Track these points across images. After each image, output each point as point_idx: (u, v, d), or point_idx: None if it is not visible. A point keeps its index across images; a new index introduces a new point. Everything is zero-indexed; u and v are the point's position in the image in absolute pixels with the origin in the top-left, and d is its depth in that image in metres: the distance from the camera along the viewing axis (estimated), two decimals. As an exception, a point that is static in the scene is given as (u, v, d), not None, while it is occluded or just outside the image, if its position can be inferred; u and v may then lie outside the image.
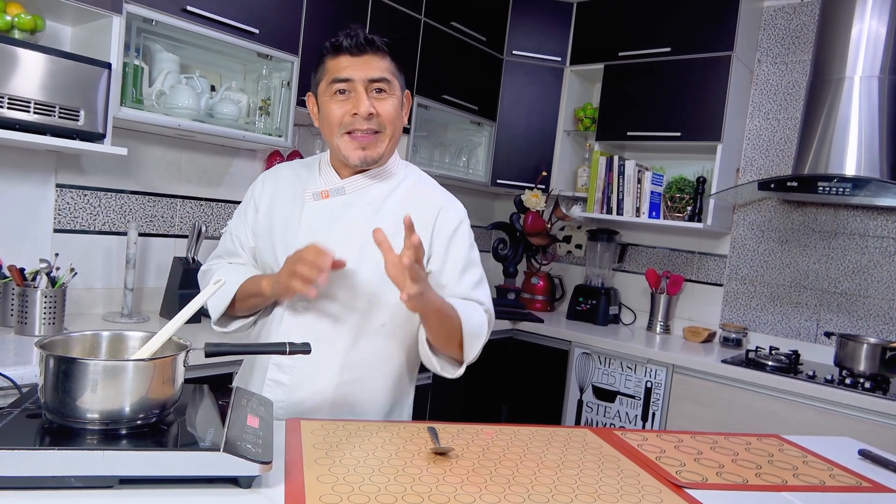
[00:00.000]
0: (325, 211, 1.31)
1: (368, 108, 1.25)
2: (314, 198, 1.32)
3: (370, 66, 1.25)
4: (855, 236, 2.77)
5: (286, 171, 1.42)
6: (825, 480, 1.18)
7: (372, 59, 1.26)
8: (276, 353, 1.09)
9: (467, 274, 1.34)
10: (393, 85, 1.29)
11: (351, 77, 1.25)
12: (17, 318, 1.78)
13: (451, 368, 1.31)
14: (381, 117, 1.27)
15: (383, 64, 1.27)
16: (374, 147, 1.28)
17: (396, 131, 1.32)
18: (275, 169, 1.45)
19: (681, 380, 2.61)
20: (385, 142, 1.30)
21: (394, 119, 1.29)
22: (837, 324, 2.79)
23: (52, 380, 0.87)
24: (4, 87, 1.60)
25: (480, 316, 1.30)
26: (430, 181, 1.43)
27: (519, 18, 3.30)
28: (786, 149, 2.95)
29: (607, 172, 3.13)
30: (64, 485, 0.82)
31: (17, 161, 1.97)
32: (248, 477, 0.88)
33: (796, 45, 2.95)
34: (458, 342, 1.26)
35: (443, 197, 1.38)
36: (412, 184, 1.38)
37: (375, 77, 1.26)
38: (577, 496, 0.97)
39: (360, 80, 1.25)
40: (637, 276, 3.34)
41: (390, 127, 1.29)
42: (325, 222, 1.30)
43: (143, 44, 2.03)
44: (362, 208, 1.31)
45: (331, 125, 1.28)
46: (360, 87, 1.25)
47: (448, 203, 1.37)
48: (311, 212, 1.32)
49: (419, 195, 1.36)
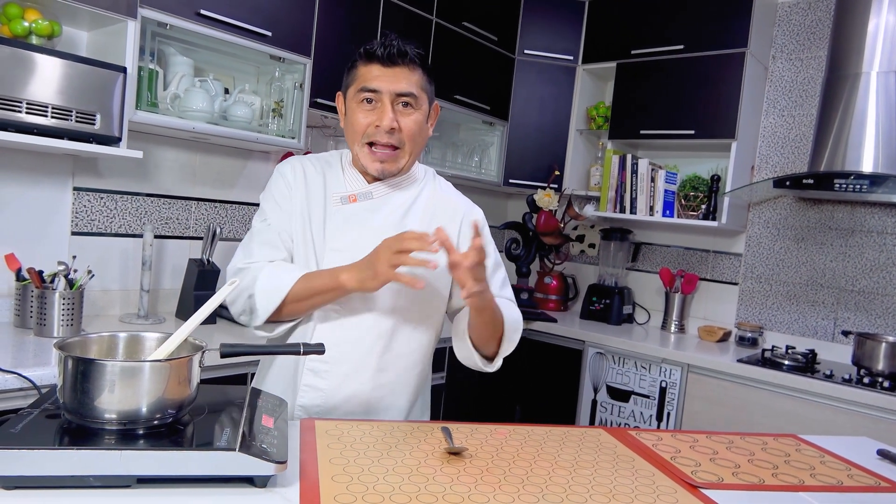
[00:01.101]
0: (354, 215, 1.32)
1: (391, 123, 1.26)
2: (342, 201, 1.32)
3: (399, 79, 1.26)
4: (873, 234, 2.73)
5: (310, 166, 1.36)
6: (843, 480, 1.17)
7: (402, 72, 1.27)
8: (290, 354, 1.10)
9: (496, 275, 1.39)
10: (420, 99, 1.30)
11: (379, 88, 1.26)
12: (36, 319, 1.81)
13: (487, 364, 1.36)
14: (403, 133, 1.28)
15: (413, 77, 1.28)
16: (393, 162, 1.30)
17: (417, 147, 1.34)
18: (297, 161, 1.37)
19: (696, 379, 2.59)
20: (405, 158, 1.32)
21: (415, 135, 1.31)
22: (855, 322, 2.76)
23: (71, 380, 0.88)
24: (23, 93, 1.62)
25: (517, 311, 1.38)
26: (447, 185, 1.47)
27: (530, 18, 3.30)
28: (801, 146, 2.92)
29: (620, 171, 3.11)
30: (83, 484, 0.83)
31: (35, 165, 2.00)
32: (263, 476, 0.89)
33: (811, 41, 2.92)
34: (498, 338, 1.32)
35: (464, 202, 1.44)
36: (433, 188, 1.41)
37: (403, 91, 1.27)
38: (592, 496, 0.97)
39: (388, 92, 1.26)
40: (651, 275, 3.32)
41: (410, 144, 1.31)
42: (354, 226, 1.31)
43: (157, 47, 2.05)
44: (390, 214, 1.33)
45: (354, 132, 1.30)
46: (386, 99, 1.26)
47: (470, 208, 1.43)
48: (339, 215, 1.32)
49: (442, 200, 1.40)
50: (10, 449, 0.80)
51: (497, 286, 1.38)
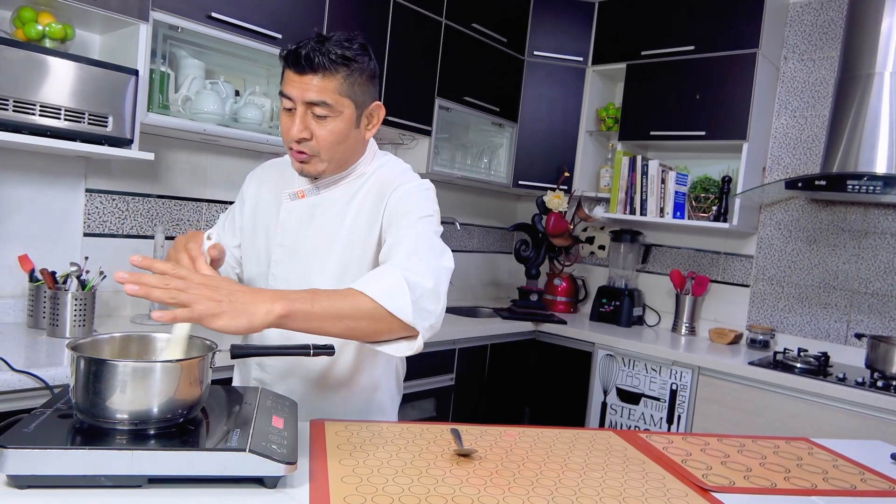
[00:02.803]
0: (300, 210, 1.33)
1: (298, 134, 1.20)
2: (290, 198, 1.34)
3: (309, 87, 1.19)
4: (886, 235, 2.71)
5: (271, 170, 1.43)
6: (856, 485, 1.16)
7: (313, 79, 1.18)
8: (301, 354, 1.10)
9: (400, 246, 1.19)
10: (336, 107, 1.20)
11: (291, 96, 1.21)
12: (49, 320, 1.82)
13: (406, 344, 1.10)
14: (315, 141, 1.22)
15: (328, 84, 1.19)
16: (312, 166, 1.26)
17: (339, 153, 1.26)
18: (260, 168, 1.46)
19: (707, 382, 2.58)
20: (323, 164, 1.25)
21: (332, 144, 1.23)
22: (868, 325, 2.73)
23: (83, 381, 0.89)
24: (36, 95, 1.64)
25: (391, 273, 1.09)
26: (395, 165, 1.35)
27: (540, 19, 3.29)
28: (813, 147, 2.89)
29: (630, 172, 3.10)
30: (94, 484, 0.83)
31: (48, 167, 2.01)
32: (273, 477, 0.89)
33: (824, 42, 2.89)
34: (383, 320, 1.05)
35: (400, 178, 1.30)
36: (377, 175, 1.32)
37: (313, 100, 1.19)
38: (602, 499, 0.97)
39: (299, 99, 1.20)
40: (661, 276, 3.31)
41: (326, 152, 1.23)
42: (299, 221, 1.33)
43: (169, 50, 2.06)
44: (332, 206, 1.32)
45: (282, 136, 1.27)
46: (299, 106, 1.20)
47: (401, 183, 1.28)
48: (287, 211, 1.34)
49: (379, 184, 1.31)
50: (22, 448, 0.81)
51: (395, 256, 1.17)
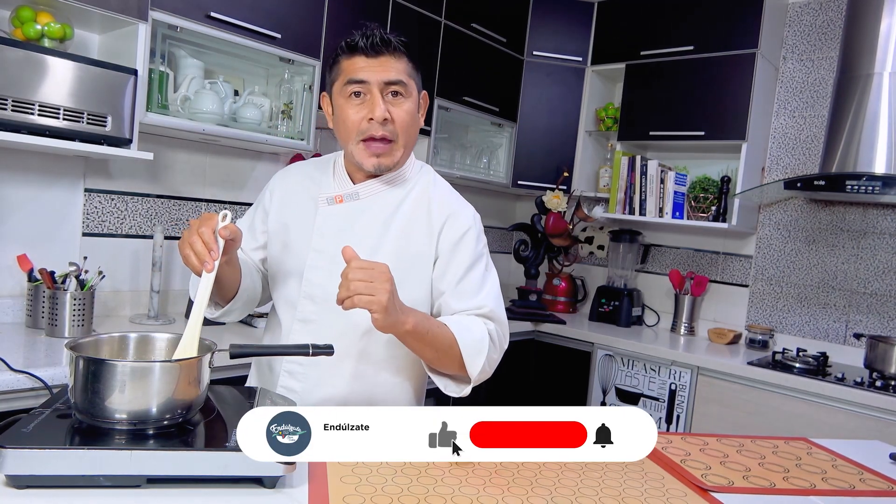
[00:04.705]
0: (339, 216, 1.30)
1: (384, 113, 1.21)
2: (328, 202, 1.30)
3: (387, 67, 1.22)
4: (885, 236, 2.71)
5: (296, 173, 1.39)
6: (855, 485, 1.16)
7: (388, 61, 1.22)
8: (300, 355, 1.10)
9: (465, 281, 1.27)
10: (409, 87, 1.25)
11: (366, 79, 1.21)
12: (48, 320, 1.82)
13: (456, 386, 1.25)
14: (396, 123, 1.23)
15: (400, 65, 1.23)
16: (389, 156, 1.25)
17: (410, 139, 1.29)
18: (283, 172, 1.42)
19: (706, 382, 2.58)
20: (399, 151, 1.27)
21: (408, 126, 1.26)
22: (867, 325, 2.73)
23: (82, 381, 0.89)
24: (35, 95, 1.63)
25: (480, 330, 1.22)
26: (444, 185, 1.38)
27: (539, 19, 3.29)
28: (812, 147, 2.89)
29: (629, 172, 3.10)
30: (93, 484, 0.83)
31: (47, 166, 2.01)
32: (272, 477, 0.89)
33: (823, 42, 2.89)
34: (456, 361, 1.20)
35: (454, 204, 1.33)
36: (424, 188, 1.33)
37: (392, 80, 1.22)
38: (601, 499, 0.97)
39: (376, 82, 1.21)
40: (660, 276, 3.31)
41: (403, 135, 1.26)
42: (338, 227, 1.29)
43: (168, 50, 2.06)
44: (376, 214, 1.29)
45: (347, 130, 1.25)
46: (375, 89, 1.21)
47: (458, 210, 1.32)
48: (324, 216, 1.30)
49: (431, 200, 1.32)
50: (21, 448, 0.81)
51: (466, 295, 1.26)
